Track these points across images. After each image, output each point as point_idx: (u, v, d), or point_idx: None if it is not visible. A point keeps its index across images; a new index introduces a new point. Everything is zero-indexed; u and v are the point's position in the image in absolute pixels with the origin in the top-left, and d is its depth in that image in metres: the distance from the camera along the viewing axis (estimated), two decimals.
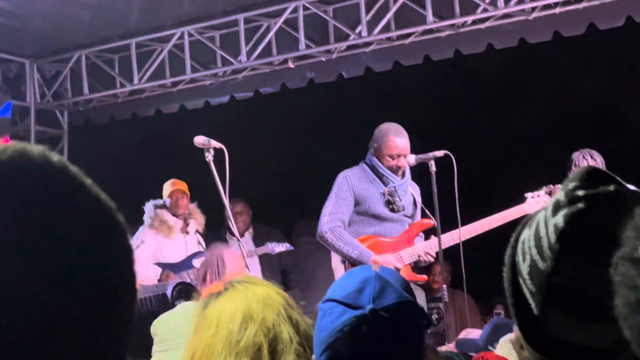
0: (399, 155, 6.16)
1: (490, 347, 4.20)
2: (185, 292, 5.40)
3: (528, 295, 1.22)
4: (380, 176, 6.22)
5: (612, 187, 1.13)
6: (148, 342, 3.15)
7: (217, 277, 5.50)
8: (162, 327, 3.30)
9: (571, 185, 1.19)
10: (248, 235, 8.27)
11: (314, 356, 1.93)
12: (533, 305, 1.21)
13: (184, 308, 3.43)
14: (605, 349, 1.10)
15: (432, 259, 6.25)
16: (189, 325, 2.43)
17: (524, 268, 1.23)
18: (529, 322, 1.23)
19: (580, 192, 1.14)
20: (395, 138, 6.17)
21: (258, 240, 8.16)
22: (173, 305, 5.31)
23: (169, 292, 5.38)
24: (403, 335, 1.87)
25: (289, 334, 2.24)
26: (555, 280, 1.16)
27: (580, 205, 1.14)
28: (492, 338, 4.24)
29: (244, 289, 2.32)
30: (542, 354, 1.20)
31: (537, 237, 1.21)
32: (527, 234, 1.25)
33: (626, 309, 0.89)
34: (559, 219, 1.16)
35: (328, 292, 1.96)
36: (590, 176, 1.06)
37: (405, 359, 1.88)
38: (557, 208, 1.18)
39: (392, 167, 6.19)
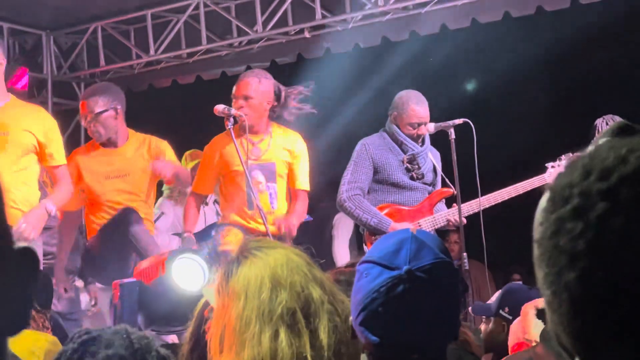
0: (419, 124, 6.15)
1: (501, 312, 4.20)
2: None
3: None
4: (399, 144, 6.21)
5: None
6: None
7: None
8: None
9: (602, 139, 1.19)
10: None
11: (350, 318, 1.94)
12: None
13: None
14: None
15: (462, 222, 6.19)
16: None
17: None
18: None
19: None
20: (416, 106, 6.15)
21: None
22: None
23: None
24: (439, 296, 1.88)
25: (319, 294, 2.25)
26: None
27: None
28: (504, 302, 4.24)
29: (264, 255, 2.31)
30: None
31: None
32: None
33: None
34: None
35: (366, 253, 1.97)
36: (621, 130, 1.06)
37: (442, 319, 1.89)
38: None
39: (413, 135, 6.18)
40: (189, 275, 5.01)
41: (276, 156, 5.87)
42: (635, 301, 0.90)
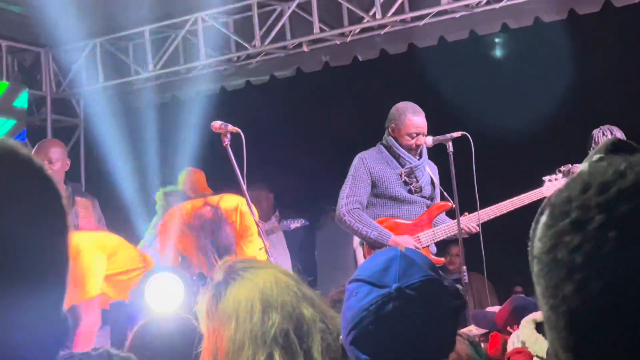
0: (417, 134, 6.14)
1: (509, 329, 4.15)
2: None
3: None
4: (397, 157, 6.20)
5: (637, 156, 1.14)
6: None
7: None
8: None
9: (596, 156, 1.19)
10: (274, 219, 8.21)
11: (341, 337, 1.93)
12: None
13: None
14: None
15: (475, 230, 6.17)
16: None
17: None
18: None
19: (604, 163, 1.15)
20: (413, 116, 6.15)
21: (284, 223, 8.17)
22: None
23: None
24: (429, 313, 1.87)
25: (310, 313, 2.24)
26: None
27: None
28: (512, 319, 4.18)
29: (252, 276, 2.29)
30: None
31: None
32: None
33: None
34: None
35: (355, 272, 1.96)
36: (614, 147, 1.06)
37: (432, 336, 1.88)
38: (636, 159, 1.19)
39: (411, 145, 6.17)
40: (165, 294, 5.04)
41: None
42: (631, 313, 0.90)
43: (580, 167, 1.23)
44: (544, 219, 1.00)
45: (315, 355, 2.20)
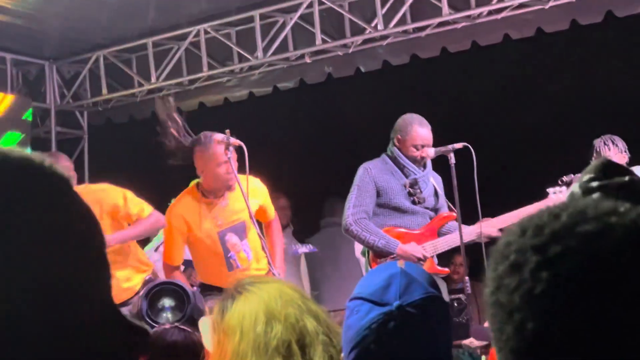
0: (422, 146, 6.16)
1: None
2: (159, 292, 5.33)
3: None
4: (401, 167, 6.21)
5: (626, 178, 1.15)
6: None
7: None
8: None
9: (586, 177, 1.21)
10: (289, 230, 8.20)
11: (342, 354, 1.94)
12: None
13: None
14: None
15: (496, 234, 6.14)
16: None
17: None
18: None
19: (595, 184, 1.17)
20: (420, 128, 6.17)
21: (300, 235, 8.17)
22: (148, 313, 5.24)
23: (143, 293, 5.33)
24: (431, 331, 1.88)
25: (313, 326, 2.25)
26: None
27: (595, 196, 1.16)
28: None
29: (258, 290, 2.31)
30: None
31: None
32: None
33: None
34: None
35: (354, 290, 1.97)
36: (605, 168, 1.08)
37: (434, 354, 1.89)
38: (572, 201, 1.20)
39: (416, 157, 6.18)
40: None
41: (244, 212, 5.71)
42: (564, 353, 0.92)
43: (572, 189, 1.25)
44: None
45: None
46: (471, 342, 4.96)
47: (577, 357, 0.92)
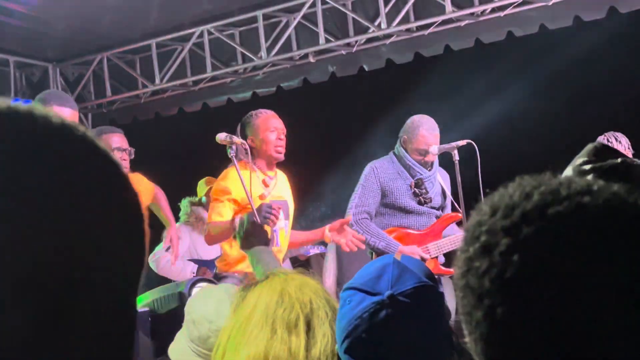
0: (427, 152, 6.11)
1: None
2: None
3: None
4: (407, 167, 6.18)
5: (618, 160, 1.13)
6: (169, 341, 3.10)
7: None
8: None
9: (579, 160, 1.20)
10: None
11: (336, 345, 1.93)
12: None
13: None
14: None
15: None
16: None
17: None
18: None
19: (588, 166, 1.15)
20: (426, 132, 6.09)
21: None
22: None
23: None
24: (423, 320, 1.86)
25: (325, 311, 2.24)
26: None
27: (589, 177, 1.14)
28: None
29: (282, 278, 2.33)
30: None
31: None
32: None
33: None
34: None
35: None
36: (598, 151, 1.06)
37: (427, 343, 1.87)
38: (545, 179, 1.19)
39: (420, 161, 6.15)
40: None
41: (287, 195, 5.82)
42: (534, 339, 0.89)
43: (565, 172, 1.23)
44: (460, 244, 0.99)
45: (320, 345, 2.19)
46: None
47: (549, 344, 0.88)
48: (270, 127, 5.71)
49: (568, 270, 0.88)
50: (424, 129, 6.10)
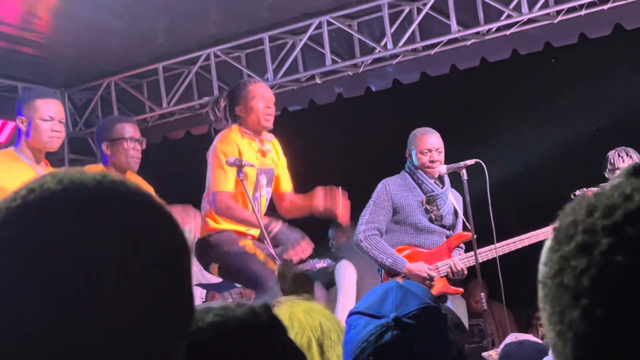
0: (429, 150, 6.16)
1: None
2: None
3: None
4: (419, 184, 6.20)
5: None
6: None
7: None
8: None
9: (616, 181, 1.18)
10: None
11: None
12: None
13: None
14: None
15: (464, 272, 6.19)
16: None
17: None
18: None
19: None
20: (424, 134, 6.23)
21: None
22: None
23: None
24: (429, 340, 1.87)
25: (337, 334, 2.23)
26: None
27: None
28: None
29: (288, 305, 2.32)
30: None
31: None
32: None
33: None
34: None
35: (354, 305, 1.96)
36: (636, 171, 1.04)
37: None
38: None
39: (425, 163, 6.16)
40: None
41: (275, 161, 5.87)
42: (637, 340, 0.88)
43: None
44: (549, 243, 0.98)
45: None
46: (489, 355, 4.91)
47: None
48: (258, 96, 5.76)
49: None
50: (420, 132, 6.24)
